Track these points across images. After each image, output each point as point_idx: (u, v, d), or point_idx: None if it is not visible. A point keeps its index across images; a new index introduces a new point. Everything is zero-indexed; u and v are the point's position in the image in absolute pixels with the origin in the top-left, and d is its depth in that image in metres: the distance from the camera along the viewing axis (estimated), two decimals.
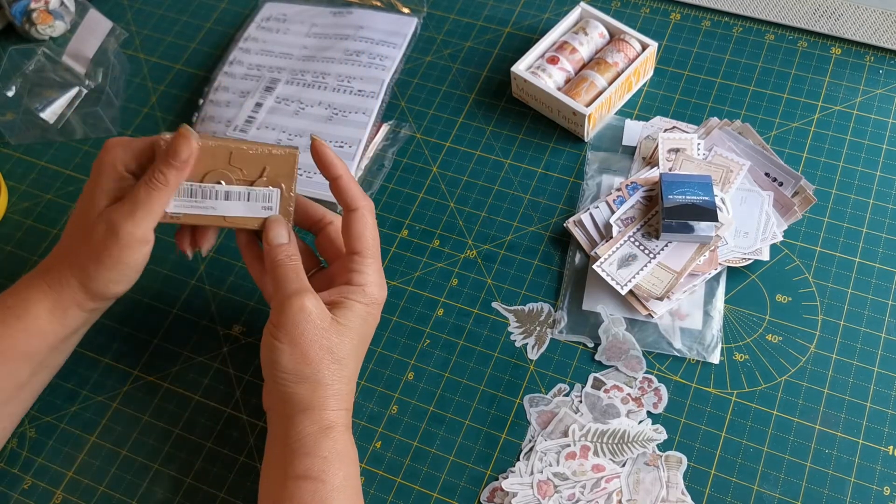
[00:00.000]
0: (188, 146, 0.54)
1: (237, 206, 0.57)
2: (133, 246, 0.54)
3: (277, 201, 0.57)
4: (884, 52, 0.74)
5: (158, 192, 0.54)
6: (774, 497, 0.56)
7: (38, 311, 0.56)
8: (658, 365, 0.62)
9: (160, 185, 0.54)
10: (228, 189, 0.56)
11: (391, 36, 0.80)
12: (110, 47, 0.79)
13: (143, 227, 0.54)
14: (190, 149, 0.54)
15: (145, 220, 0.54)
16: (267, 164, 0.56)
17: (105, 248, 0.54)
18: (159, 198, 0.54)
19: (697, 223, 0.62)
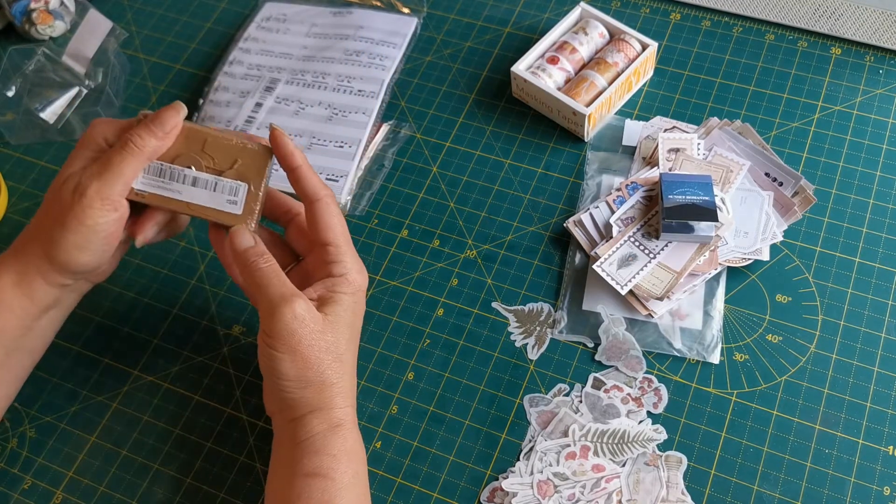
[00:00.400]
0: (175, 117, 0.53)
1: (202, 194, 0.55)
2: (96, 207, 0.52)
3: (243, 197, 0.56)
4: (884, 52, 0.74)
5: (132, 156, 0.52)
6: (774, 497, 0.56)
7: (2, 284, 0.55)
8: (658, 365, 0.62)
9: (135, 149, 0.52)
10: (197, 175, 0.55)
11: (391, 36, 0.80)
12: (110, 47, 0.79)
13: (111, 189, 0.52)
14: (176, 121, 0.54)
15: (114, 182, 0.52)
16: (239, 157, 0.55)
17: (70, 209, 0.52)
18: (131, 162, 0.52)
19: (697, 223, 0.62)
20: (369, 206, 0.72)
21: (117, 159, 0.52)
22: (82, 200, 0.52)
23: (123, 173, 0.52)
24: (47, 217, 0.54)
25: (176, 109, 0.54)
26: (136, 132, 0.53)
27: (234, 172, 0.56)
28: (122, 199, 0.53)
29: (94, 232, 0.53)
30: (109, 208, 0.53)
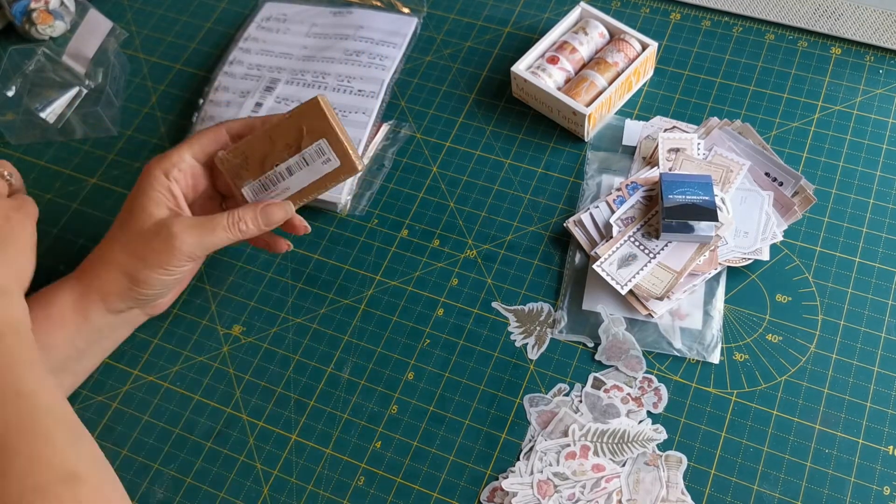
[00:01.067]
0: (282, 216, 0.58)
1: (302, 175, 0.58)
2: (182, 259, 0.56)
3: (330, 150, 0.58)
4: (884, 52, 0.74)
5: (234, 234, 0.57)
6: (774, 497, 0.56)
7: (62, 300, 0.58)
8: (658, 365, 0.62)
9: (238, 232, 0.57)
10: (287, 164, 0.58)
11: (391, 36, 0.80)
12: (110, 47, 0.79)
13: (203, 251, 0.57)
14: (282, 219, 0.59)
15: (206, 246, 0.57)
16: (300, 123, 0.57)
17: (156, 252, 0.56)
18: (230, 238, 0.57)
19: (697, 223, 0.62)
20: (369, 206, 0.72)
21: (220, 232, 0.57)
22: (175, 250, 0.56)
23: (219, 241, 0.57)
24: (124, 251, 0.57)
25: (283, 208, 0.59)
26: (246, 218, 0.58)
27: (308, 139, 0.57)
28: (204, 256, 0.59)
29: (171, 275, 0.58)
30: (191, 259, 0.57)
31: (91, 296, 0.58)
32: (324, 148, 0.57)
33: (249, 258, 0.70)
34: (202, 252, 0.57)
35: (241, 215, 0.57)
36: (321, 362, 0.65)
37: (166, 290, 0.60)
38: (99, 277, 0.58)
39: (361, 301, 0.67)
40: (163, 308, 0.63)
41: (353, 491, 0.59)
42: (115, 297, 0.58)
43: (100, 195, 0.75)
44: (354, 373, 0.64)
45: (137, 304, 0.60)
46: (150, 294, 0.59)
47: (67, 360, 0.58)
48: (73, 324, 0.58)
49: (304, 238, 0.70)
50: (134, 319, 0.62)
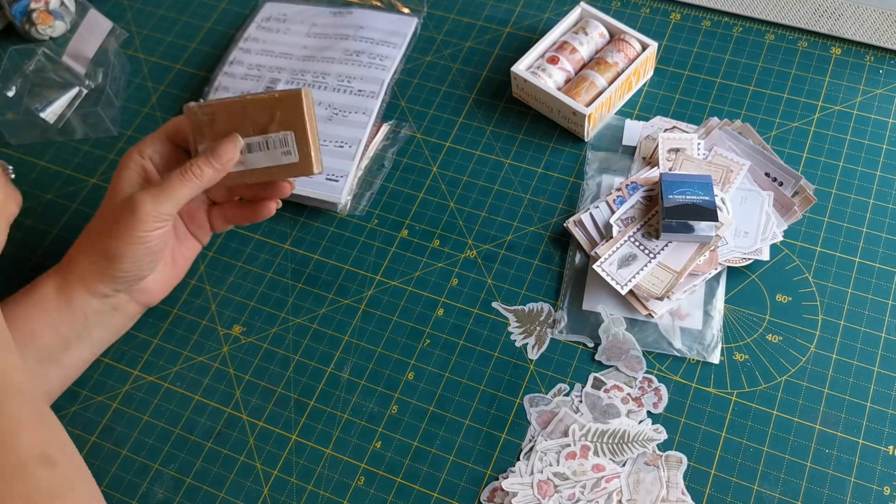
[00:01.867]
0: (232, 151, 0.57)
1: (259, 156, 0.58)
2: (148, 223, 0.55)
3: (294, 144, 0.57)
4: (884, 52, 0.74)
5: (191, 182, 0.56)
6: (774, 497, 0.56)
7: (45, 287, 0.58)
8: (658, 365, 0.62)
9: (194, 178, 0.56)
10: (248, 141, 0.57)
11: (391, 36, 0.80)
12: (110, 47, 0.79)
13: (163, 208, 0.56)
14: (233, 154, 0.57)
15: (168, 202, 0.56)
16: (276, 109, 0.57)
17: (123, 223, 0.56)
18: (189, 188, 0.56)
19: (697, 223, 0.62)
20: (369, 206, 0.72)
21: (176, 184, 0.56)
22: (135, 216, 0.55)
23: (178, 197, 0.56)
24: (97, 230, 0.58)
25: (234, 143, 0.57)
26: (196, 163, 0.56)
27: (277, 125, 0.57)
28: (171, 217, 0.57)
29: (141, 244, 0.56)
30: (159, 224, 0.56)
31: (72, 281, 0.58)
32: (289, 140, 0.57)
33: (249, 258, 0.70)
34: (164, 210, 0.56)
35: (192, 161, 0.56)
36: (321, 362, 0.65)
37: (142, 263, 0.58)
38: (77, 261, 0.58)
39: (361, 301, 0.67)
40: (154, 296, 0.62)
41: (353, 491, 0.59)
42: (94, 279, 0.57)
43: (100, 195, 0.75)
44: (354, 373, 0.64)
45: (118, 285, 0.59)
46: (126, 269, 0.57)
47: (53, 348, 0.58)
48: (56, 310, 0.58)
49: (304, 238, 0.71)
50: (123, 306, 0.61)
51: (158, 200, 0.55)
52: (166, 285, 0.63)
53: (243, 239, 0.71)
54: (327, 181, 0.71)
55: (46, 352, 0.58)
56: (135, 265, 0.58)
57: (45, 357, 0.58)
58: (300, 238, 0.71)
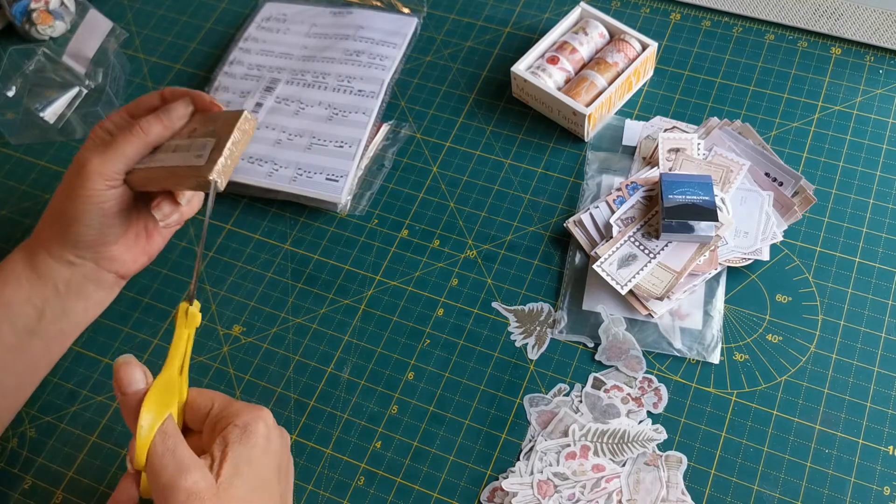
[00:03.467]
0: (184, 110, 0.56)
1: (176, 156, 0.56)
2: (94, 179, 0.55)
3: (209, 151, 0.54)
4: (884, 52, 0.74)
5: (136, 138, 0.55)
6: (774, 497, 0.56)
7: (14, 258, 0.59)
8: (658, 365, 0.62)
9: (140, 133, 0.55)
10: (178, 143, 0.57)
11: (391, 36, 0.80)
12: (110, 47, 0.79)
13: (110, 166, 0.55)
14: (184, 113, 0.56)
15: (114, 160, 0.55)
16: (216, 123, 0.56)
17: (72, 181, 0.55)
18: (134, 145, 0.55)
19: (697, 223, 0.62)
20: (369, 206, 0.72)
21: (122, 141, 0.55)
22: (82, 173, 0.55)
23: (125, 154, 0.55)
24: (54, 198, 0.58)
25: (186, 103, 0.57)
26: (145, 119, 0.56)
27: (208, 133, 0.56)
28: (121, 176, 0.56)
29: (92, 203, 0.56)
30: (108, 182, 0.55)
31: (37, 250, 0.58)
32: (207, 146, 0.55)
33: (249, 258, 0.70)
34: (111, 167, 0.55)
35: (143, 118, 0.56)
36: (321, 362, 0.65)
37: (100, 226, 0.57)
38: (40, 230, 0.59)
39: (361, 301, 0.67)
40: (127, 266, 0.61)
41: (353, 491, 0.59)
42: (56, 245, 0.58)
43: None
44: (354, 373, 0.64)
45: (79, 249, 0.58)
46: (82, 232, 0.57)
47: (28, 319, 0.58)
48: (27, 280, 0.58)
49: (304, 238, 0.71)
50: (94, 275, 0.60)
51: (105, 157, 0.55)
52: (140, 256, 0.62)
53: (243, 239, 0.71)
54: (327, 181, 0.71)
55: (22, 323, 0.58)
56: (91, 228, 0.57)
57: (22, 329, 0.58)
58: (300, 238, 0.71)
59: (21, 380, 0.60)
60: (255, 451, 0.47)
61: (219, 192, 0.54)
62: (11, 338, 0.58)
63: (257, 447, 0.47)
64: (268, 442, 0.48)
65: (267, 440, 0.48)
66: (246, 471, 0.46)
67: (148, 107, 0.58)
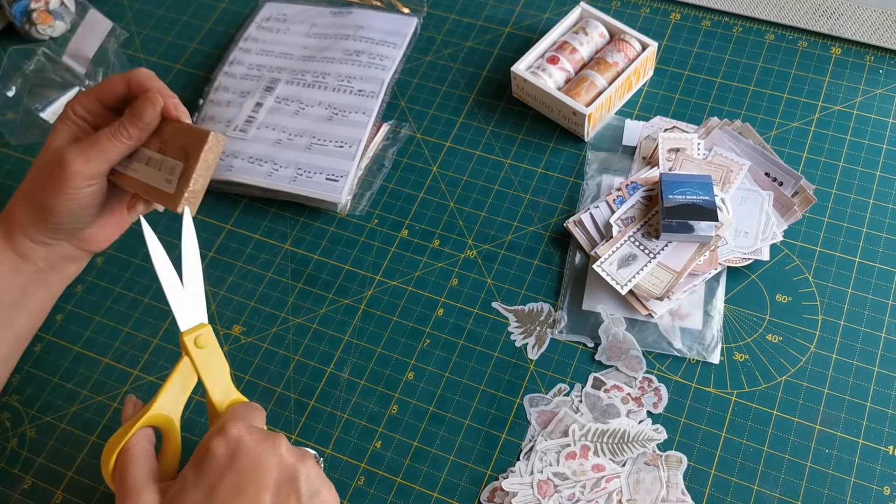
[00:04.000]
0: (153, 110, 0.57)
1: (150, 172, 0.58)
2: (77, 178, 0.56)
3: (178, 176, 0.56)
4: (884, 52, 0.74)
5: (119, 142, 0.57)
6: (774, 497, 0.56)
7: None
8: (658, 365, 0.62)
9: (122, 139, 0.57)
10: (150, 155, 0.58)
11: (391, 36, 0.80)
12: (110, 47, 0.79)
13: (93, 166, 0.56)
14: (154, 113, 0.57)
15: (97, 161, 0.56)
16: (186, 140, 0.57)
17: (53, 177, 0.56)
18: (117, 147, 0.57)
19: (697, 223, 0.62)
20: (369, 206, 0.72)
21: (105, 143, 0.57)
22: (65, 171, 0.56)
23: (108, 156, 0.57)
24: (32, 182, 0.59)
25: (151, 102, 0.57)
26: (125, 123, 0.57)
27: (178, 152, 0.57)
28: (102, 176, 0.58)
29: (73, 199, 0.57)
30: (89, 182, 0.57)
31: (13, 231, 0.59)
32: (176, 171, 0.57)
33: (249, 258, 0.70)
34: (94, 169, 0.57)
35: (120, 122, 0.57)
36: (321, 362, 0.65)
37: (77, 216, 0.59)
38: (14, 212, 0.59)
39: (361, 301, 0.67)
40: (99, 244, 0.63)
41: (353, 491, 0.59)
42: (33, 229, 0.59)
43: None
44: (354, 373, 0.64)
45: (57, 234, 0.60)
46: (62, 221, 0.58)
47: (13, 294, 0.60)
48: (8, 259, 0.59)
49: (304, 238, 0.71)
50: (69, 253, 0.62)
51: (89, 158, 0.56)
52: (112, 233, 0.64)
53: (243, 239, 0.71)
54: (327, 181, 0.71)
55: (9, 298, 0.60)
56: (70, 219, 0.59)
57: (8, 303, 0.60)
58: (300, 238, 0.71)
59: (9, 350, 0.62)
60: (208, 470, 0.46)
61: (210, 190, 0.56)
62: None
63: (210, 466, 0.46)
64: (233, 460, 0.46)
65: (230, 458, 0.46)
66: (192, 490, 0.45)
67: (116, 93, 0.59)
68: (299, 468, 0.47)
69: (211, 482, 0.45)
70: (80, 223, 0.60)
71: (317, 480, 0.47)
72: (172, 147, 0.57)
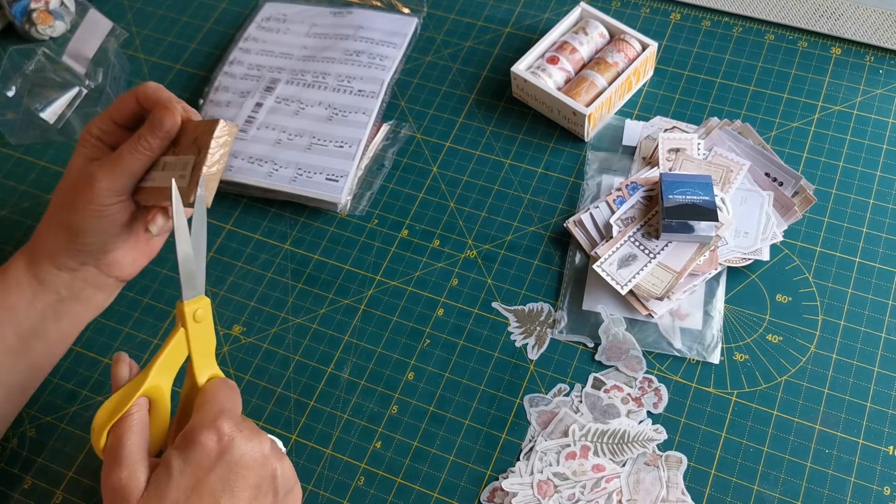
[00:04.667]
0: (172, 119, 0.56)
1: (167, 175, 0.56)
2: (104, 194, 0.56)
3: (190, 169, 0.55)
4: (884, 52, 0.74)
5: (141, 155, 0.56)
6: (774, 497, 0.56)
7: (16, 264, 0.59)
8: (658, 365, 0.62)
9: (144, 150, 0.56)
10: (166, 160, 0.57)
11: (391, 36, 0.80)
12: (110, 47, 0.79)
13: (118, 181, 0.56)
14: (174, 120, 0.56)
15: (121, 175, 0.56)
16: (195, 133, 0.56)
17: (80, 195, 0.56)
18: (139, 159, 0.57)
19: (697, 223, 0.62)
20: (369, 206, 0.72)
21: (128, 158, 0.56)
22: (92, 188, 0.56)
23: (132, 170, 0.57)
24: (58, 205, 0.59)
25: (170, 111, 0.56)
26: (144, 135, 0.56)
27: (191, 147, 0.56)
28: (128, 192, 0.58)
29: (101, 217, 0.57)
30: (116, 198, 0.57)
31: (39, 258, 0.59)
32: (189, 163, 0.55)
33: (249, 258, 0.70)
34: (120, 183, 0.56)
35: (139, 134, 0.57)
36: (321, 362, 0.65)
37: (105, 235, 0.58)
38: (42, 237, 0.59)
39: (361, 301, 0.67)
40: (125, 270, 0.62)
41: (353, 491, 0.59)
42: (61, 254, 0.58)
43: None
44: (354, 373, 0.64)
45: (83, 257, 0.59)
46: (90, 242, 0.58)
47: (32, 322, 0.59)
48: (29, 287, 0.59)
49: (304, 238, 0.71)
50: (94, 280, 0.61)
51: (114, 174, 0.56)
52: (139, 258, 0.63)
53: (243, 239, 0.71)
54: (327, 181, 0.71)
55: (26, 326, 0.59)
56: (97, 238, 0.58)
57: (26, 331, 0.59)
58: (300, 238, 0.71)
59: (25, 380, 0.60)
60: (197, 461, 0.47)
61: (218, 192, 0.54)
62: (14, 341, 0.58)
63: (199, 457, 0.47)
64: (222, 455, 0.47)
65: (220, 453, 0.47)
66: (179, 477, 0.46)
67: (127, 111, 0.58)
68: (277, 468, 0.49)
69: (198, 473, 0.46)
70: (108, 244, 0.59)
71: (291, 479, 0.50)
72: (185, 145, 0.56)
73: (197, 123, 0.56)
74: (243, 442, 0.48)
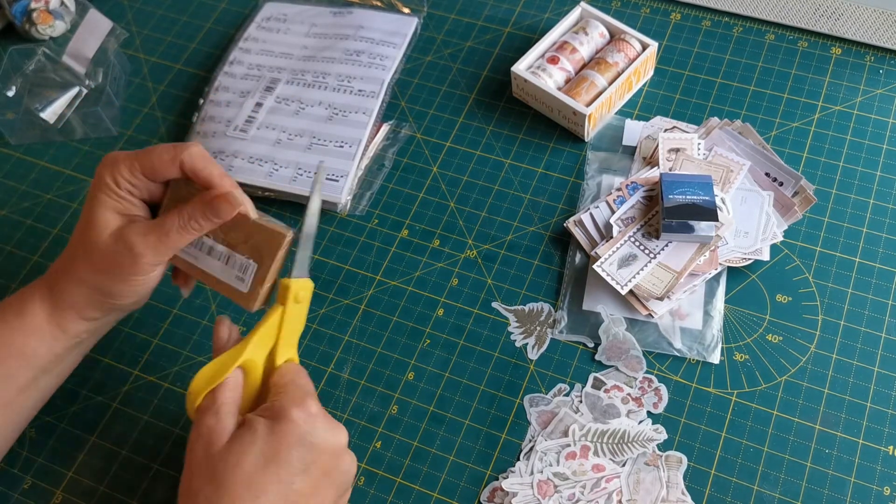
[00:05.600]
0: (230, 210, 0.55)
1: (216, 265, 0.56)
2: (147, 268, 0.55)
3: (252, 277, 0.55)
4: (884, 52, 0.74)
5: (189, 235, 0.55)
6: (774, 497, 0.56)
7: (35, 310, 0.57)
8: (658, 365, 0.62)
9: (192, 231, 0.55)
10: (213, 245, 0.56)
11: (391, 36, 0.80)
12: (110, 47, 0.79)
13: (162, 255, 0.56)
14: (232, 213, 0.55)
15: (166, 252, 0.56)
16: (255, 234, 0.55)
17: (119, 266, 0.55)
18: (187, 239, 0.56)
19: (697, 223, 0.62)
20: (369, 206, 0.72)
21: (174, 235, 0.55)
22: (135, 263, 0.55)
23: (177, 247, 0.56)
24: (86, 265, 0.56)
25: (230, 203, 0.55)
26: (196, 216, 0.55)
27: (248, 248, 0.55)
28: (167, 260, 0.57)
29: (139, 284, 0.56)
30: (158, 267, 0.56)
31: (64, 310, 0.57)
32: (249, 269, 0.55)
33: None
34: (164, 257, 0.56)
35: (190, 213, 0.55)
36: (321, 362, 0.65)
37: (138, 295, 0.58)
38: (70, 293, 0.57)
39: (361, 301, 0.67)
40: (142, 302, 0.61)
41: (354, 491, 0.59)
42: (91, 309, 0.57)
43: None
44: (354, 373, 0.64)
45: (114, 311, 0.59)
46: (126, 304, 0.58)
47: (49, 363, 0.58)
48: (51, 335, 0.57)
49: None
50: (116, 317, 0.60)
51: (159, 252, 0.55)
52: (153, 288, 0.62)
53: None
54: (327, 181, 0.71)
55: (40, 366, 0.58)
56: (132, 298, 0.58)
57: (41, 371, 0.58)
58: None
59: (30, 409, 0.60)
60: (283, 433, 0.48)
61: None
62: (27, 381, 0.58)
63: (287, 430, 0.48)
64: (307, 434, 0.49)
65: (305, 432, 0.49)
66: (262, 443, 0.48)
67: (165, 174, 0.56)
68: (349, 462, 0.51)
69: (280, 446, 0.48)
70: (141, 299, 0.59)
71: (350, 480, 0.52)
72: (239, 241, 0.55)
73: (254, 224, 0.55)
74: (326, 427, 0.50)
